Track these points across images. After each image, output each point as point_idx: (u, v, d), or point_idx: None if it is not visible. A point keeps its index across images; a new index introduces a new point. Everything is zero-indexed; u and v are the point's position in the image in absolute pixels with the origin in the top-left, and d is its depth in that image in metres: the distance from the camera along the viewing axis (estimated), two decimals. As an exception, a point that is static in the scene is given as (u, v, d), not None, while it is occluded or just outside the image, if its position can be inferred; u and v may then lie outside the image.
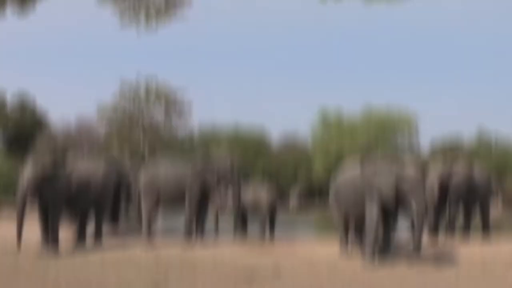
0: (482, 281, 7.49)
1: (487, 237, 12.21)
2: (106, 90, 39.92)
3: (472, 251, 10.26)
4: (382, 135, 34.52)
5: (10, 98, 36.63)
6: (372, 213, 9.09)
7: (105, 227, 11.96)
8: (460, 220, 12.60)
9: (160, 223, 17.11)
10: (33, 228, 11.01)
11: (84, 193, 10.60)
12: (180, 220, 13.24)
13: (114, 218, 14.21)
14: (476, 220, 12.95)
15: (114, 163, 14.86)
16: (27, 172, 9.91)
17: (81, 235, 10.94)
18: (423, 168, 11.12)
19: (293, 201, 31.53)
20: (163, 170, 11.59)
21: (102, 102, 35.32)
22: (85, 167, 11.01)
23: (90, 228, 11.13)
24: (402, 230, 12.18)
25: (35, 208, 10.26)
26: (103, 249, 10.14)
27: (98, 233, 11.04)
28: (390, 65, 78.63)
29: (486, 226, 12.69)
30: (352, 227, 10.01)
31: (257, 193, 14.54)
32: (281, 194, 33.66)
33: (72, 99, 65.10)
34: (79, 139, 37.06)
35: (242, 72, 78.73)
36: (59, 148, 32.84)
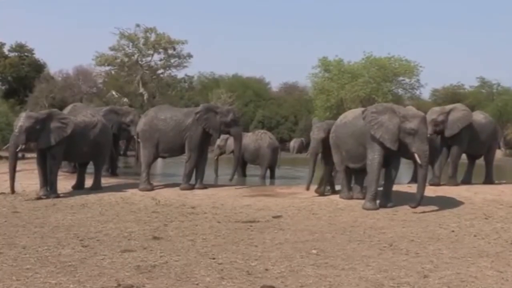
0: (484, 224, 7.43)
1: (490, 183, 12.15)
2: (105, 44, 39.14)
3: (474, 195, 10.21)
4: (383, 79, 34.07)
5: (8, 48, 35.96)
6: (374, 160, 8.98)
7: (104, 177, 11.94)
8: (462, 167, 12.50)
9: (159, 169, 17.20)
10: (33, 175, 11.01)
11: (82, 143, 10.42)
12: (179, 165, 13.22)
13: (113, 169, 14.18)
14: (479, 167, 12.88)
15: (112, 112, 14.66)
16: (20, 124, 9.82)
17: (79, 184, 10.93)
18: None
19: (293, 145, 31.52)
20: (163, 117, 11.36)
21: (100, 52, 34.68)
22: (83, 117, 10.80)
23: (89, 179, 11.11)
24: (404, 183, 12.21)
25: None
26: (102, 196, 10.07)
27: (96, 183, 10.96)
28: (389, 18, 76.74)
29: (489, 173, 12.60)
30: (351, 172, 9.97)
31: (258, 142, 14.43)
32: (281, 140, 33.85)
33: (70, 53, 64.25)
34: (77, 84, 36.60)
35: (242, 26, 77.16)
36: (56, 92, 32.44)
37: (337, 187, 10.45)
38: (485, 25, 74.22)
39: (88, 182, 11.10)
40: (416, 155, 8.67)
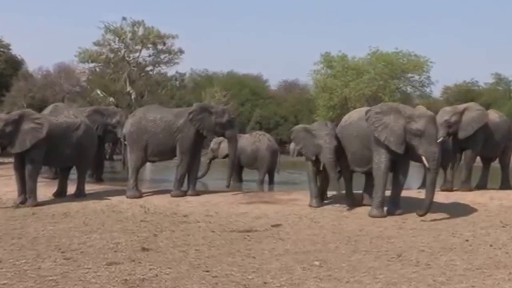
0: (501, 233, 7.44)
1: (507, 188, 12.15)
2: (89, 39, 39.07)
3: (490, 201, 10.23)
4: (391, 76, 34.08)
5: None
6: (380, 164, 8.98)
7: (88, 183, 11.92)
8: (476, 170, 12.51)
9: (148, 174, 17.16)
10: (11, 182, 10.97)
11: (63, 146, 10.39)
12: (170, 170, 13.20)
13: (98, 174, 14.15)
14: (494, 170, 12.89)
15: (97, 112, 14.64)
16: None
17: (61, 191, 10.91)
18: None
19: (294, 148, 31.49)
20: (152, 117, 11.34)
21: (83, 47, 34.59)
22: (65, 118, 10.77)
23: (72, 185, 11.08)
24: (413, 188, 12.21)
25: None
26: (86, 204, 10.04)
27: (79, 190, 10.93)
28: (397, 9, 76.71)
29: (506, 177, 12.58)
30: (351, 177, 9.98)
31: (255, 144, 14.44)
32: (281, 142, 33.84)
33: (51, 49, 64.15)
34: (58, 82, 36.51)
35: (238, 18, 77.24)
36: (35, 91, 32.37)
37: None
38: (501, 17, 74.40)
39: (71, 188, 11.06)
40: (423, 158, 8.66)
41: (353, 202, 9.92)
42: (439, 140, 10.94)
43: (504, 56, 62.65)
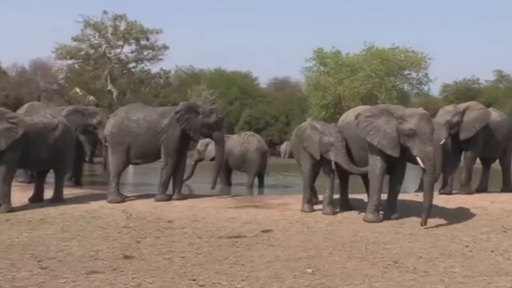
0: (503, 238, 7.50)
1: (509, 191, 12.24)
2: (67, 34, 38.89)
3: (491, 205, 10.32)
4: (387, 73, 34.26)
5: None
6: (375, 166, 9.03)
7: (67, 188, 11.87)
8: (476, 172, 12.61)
9: (131, 177, 17.12)
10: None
11: (39, 148, 10.31)
12: (154, 173, 13.17)
13: (77, 177, 14.09)
14: (495, 172, 13.00)
15: (77, 112, 14.56)
16: None
17: (37, 196, 10.83)
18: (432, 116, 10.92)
19: (285, 149, 31.58)
20: (135, 117, 11.31)
21: (61, 43, 34.40)
22: (41, 117, 10.71)
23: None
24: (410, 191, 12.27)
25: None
26: (64, 209, 10.00)
27: (57, 195, 10.87)
28: (393, 4, 76.95)
29: (507, 179, 12.69)
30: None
31: (244, 145, 14.45)
32: (271, 143, 33.90)
33: (26, 44, 63.66)
34: (34, 80, 36.32)
35: (226, 12, 77.13)
36: (10, 89, 32.15)
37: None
38: (503, 10, 75.01)
39: (48, 193, 11.00)
40: (418, 159, 8.64)
41: (347, 206, 9.96)
42: (441, 142, 11.06)
43: (506, 52, 63.14)
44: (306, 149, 9.83)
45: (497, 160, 12.81)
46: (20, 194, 11.12)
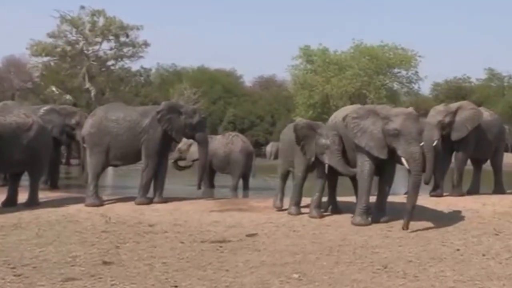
0: (494, 241, 7.58)
1: (501, 193, 12.37)
2: (42, 30, 38.63)
3: (483, 207, 10.41)
4: (376, 71, 34.47)
5: None
6: (364, 168, 9.08)
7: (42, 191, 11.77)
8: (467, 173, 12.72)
9: (110, 179, 17.03)
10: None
11: (13, 150, 10.21)
12: (134, 175, 13.12)
13: (53, 180, 13.99)
14: (487, 173, 13.12)
15: (53, 111, 14.45)
16: None
17: (10, 199, 10.72)
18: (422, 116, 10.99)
19: (271, 150, 31.60)
20: (114, 117, 11.25)
21: (36, 39, 34.14)
22: (14, 117, 10.60)
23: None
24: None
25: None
26: (39, 213, 9.92)
27: (32, 198, 10.77)
28: (382, 0, 77.51)
29: (499, 181, 12.83)
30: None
31: (228, 146, 14.45)
32: (256, 144, 33.91)
33: (0, 41, 63.01)
34: (7, 78, 36.00)
35: (209, 8, 77.01)
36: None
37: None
38: (495, 7, 75.86)
39: (22, 196, 10.91)
40: (403, 160, 8.68)
41: (336, 208, 10.00)
42: (434, 144, 11.14)
43: (498, 50, 63.79)
44: (301, 149, 9.77)
45: (488, 161, 12.93)
46: (-7, 197, 11.01)
